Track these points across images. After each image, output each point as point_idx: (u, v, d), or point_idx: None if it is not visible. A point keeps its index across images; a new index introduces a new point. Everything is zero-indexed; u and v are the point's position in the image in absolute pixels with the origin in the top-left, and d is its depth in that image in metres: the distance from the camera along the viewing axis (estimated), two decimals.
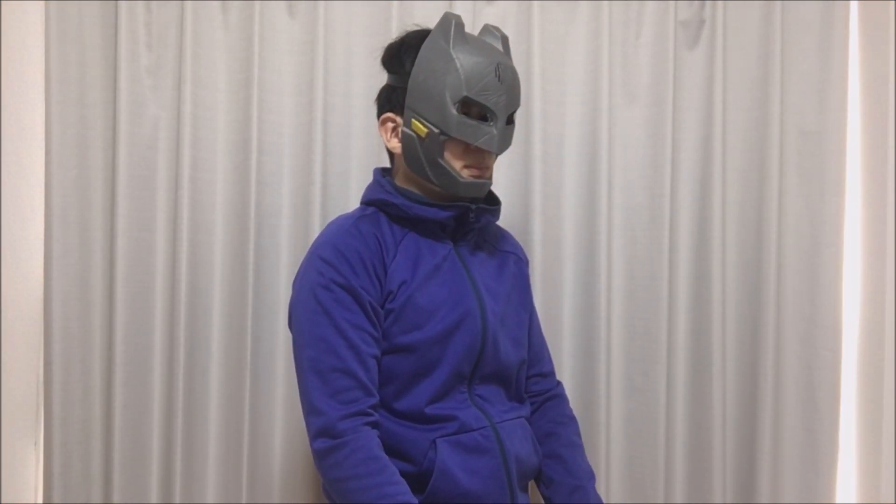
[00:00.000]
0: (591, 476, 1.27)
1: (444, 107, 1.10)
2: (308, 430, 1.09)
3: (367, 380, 1.08)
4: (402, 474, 1.09)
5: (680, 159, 1.62)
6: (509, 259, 1.29)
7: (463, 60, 1.10)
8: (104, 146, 1.54)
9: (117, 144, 1.50)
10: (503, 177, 1.59)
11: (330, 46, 1.55)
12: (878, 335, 1.57)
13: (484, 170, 1.17)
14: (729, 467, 1.60)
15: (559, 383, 1.37)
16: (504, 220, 1.52)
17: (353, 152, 1.58)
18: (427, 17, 1.54)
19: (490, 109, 1.11)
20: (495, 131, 1.12)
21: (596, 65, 1.58)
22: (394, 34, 1.49)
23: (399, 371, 1.13)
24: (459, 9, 1.55)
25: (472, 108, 1.12)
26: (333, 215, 1.32)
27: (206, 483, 1.56)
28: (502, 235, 1.34)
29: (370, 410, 1.09)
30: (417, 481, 1.09)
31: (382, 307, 1.12)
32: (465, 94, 1.10)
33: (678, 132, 1.61)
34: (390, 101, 1.18)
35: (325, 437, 1.06)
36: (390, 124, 1.18)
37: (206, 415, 1.56)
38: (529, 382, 1.30)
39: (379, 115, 1.21)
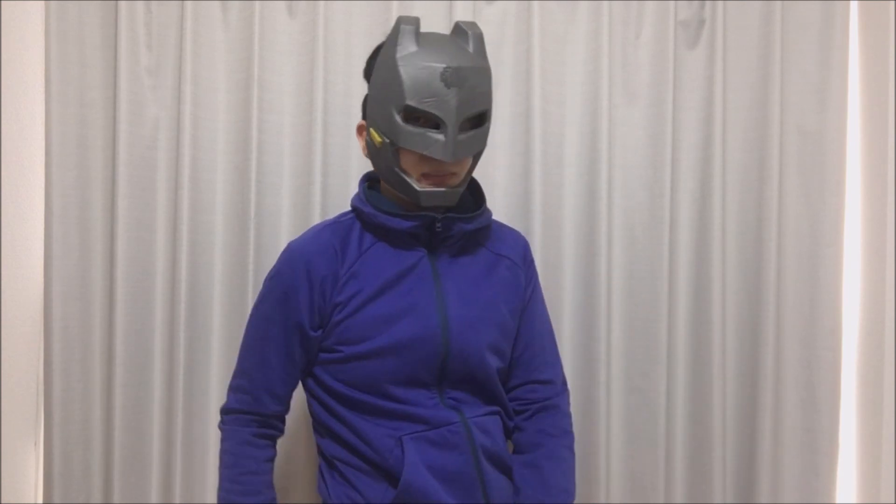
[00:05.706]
0: (568, 495, 1.18)
1: (391, 116, 1.08)
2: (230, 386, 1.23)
3: (269, 391, 1.18)
4: (372, 469, 1.10)
5: (680, 159, 1.62)
6: (501, 263, 1.24)
7: (407, 68, 1.07)
8: (104, 146, 1.54)
9: (117, 144, 1.51)
10: (503, 177, 1.59)
11: (330, 46, 1.55)
12: (878, 335, 1.57)
13: (445, 177, 1.12)
14: (729, 467, 1.60)
15: (561, 393, 1.28)
16: (504, 220, 1.52)
17: (353, 152, 1.58)
18: (427, 18, 1.54)
19: (437, 116, 1.07)
20: (444, 138, 1.08)
21: (596, 65, 1.58)
22: None
23: (362, 375, 1.13)
24: (459, 9, 1.55)
25: (421, 117, 1.09)
26: (333, 215, 1.32)
27: (206, 483, 1.55)
28: (500, 237, 1.28)
29: (260, 417, 1.18)
30: (387, 478, 1.10)
31: (324, 325, 1.14)
32: (406, 102, 1.07)
33: (678, 132, 1.61)
34: (363, 108, 1.19)
35: (225, 409, 1.22)
36: (364, 132, 1.19)
37: (206, 415, 1.55)
38: (524, 389, 1.25)
39: None
